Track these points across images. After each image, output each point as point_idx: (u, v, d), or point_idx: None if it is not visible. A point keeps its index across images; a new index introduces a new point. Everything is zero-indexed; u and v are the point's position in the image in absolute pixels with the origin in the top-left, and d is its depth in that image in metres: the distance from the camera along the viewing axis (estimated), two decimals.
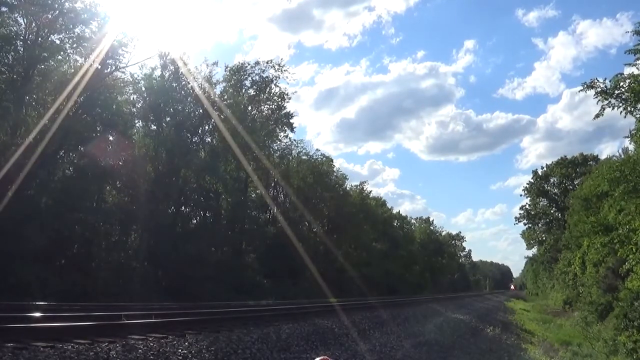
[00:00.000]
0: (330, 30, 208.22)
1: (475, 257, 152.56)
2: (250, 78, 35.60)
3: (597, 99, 19.81)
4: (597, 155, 63.01)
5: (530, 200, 71.61)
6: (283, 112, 37.67)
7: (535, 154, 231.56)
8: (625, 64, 19.36)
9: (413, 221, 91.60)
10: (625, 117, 19.65)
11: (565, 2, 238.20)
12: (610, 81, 19.29)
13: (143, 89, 29.57)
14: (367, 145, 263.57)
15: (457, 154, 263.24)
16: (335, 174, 51.55)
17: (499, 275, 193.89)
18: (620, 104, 19.34)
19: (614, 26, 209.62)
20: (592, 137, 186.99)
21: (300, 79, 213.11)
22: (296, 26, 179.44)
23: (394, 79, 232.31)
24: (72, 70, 23.14)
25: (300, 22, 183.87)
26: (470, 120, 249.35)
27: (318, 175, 46.22)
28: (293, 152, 44.31)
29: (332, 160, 50.30)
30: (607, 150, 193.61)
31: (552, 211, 69.09)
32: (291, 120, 38.74)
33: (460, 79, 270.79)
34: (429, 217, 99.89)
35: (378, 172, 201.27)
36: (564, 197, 62.34)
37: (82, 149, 24.10)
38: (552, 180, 68.58)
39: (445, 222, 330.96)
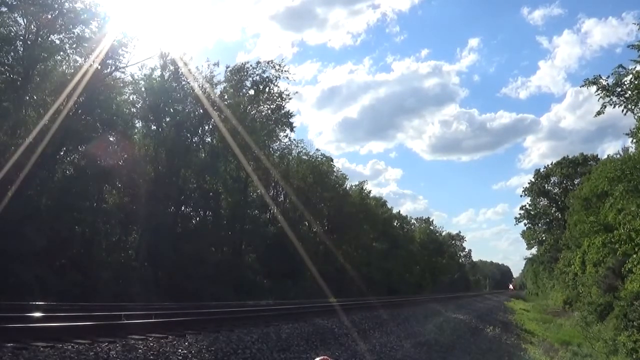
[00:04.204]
0: (334, 29, 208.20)
1: (475, 257, 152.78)
2: (250, 78, 35.61)
3: (599, 97, 19.81)
4: (597, 155, 63.09)
5: (530, 200, 71.70)
6: (283, 111, 37.65)
7: (538, 153, 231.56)
8: (631, 60, 19.33)
9: (413, 221, 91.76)
10: (625, 114, 19.66)
11: (571, 1, 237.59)
12: (612, 75, 19.26)
13: (143, 89, 29.57)
14: (370, 144, 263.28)
15: (460, 153, 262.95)
16: (335, 174, 51.58)
17: (499, 275, 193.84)
18: (622, 102, 19.34)
19: (619, 25, 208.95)
20: (595, 136, 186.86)
21: (303, 78, 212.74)
22: (299, 24, 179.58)
23: (397, 78, 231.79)
24: (72, 71, 23.16)
25: (304, 20, 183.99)
26: (473, 120, 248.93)
27: (318, 175, 46.22)
28: (293, 152, 44.35)
29: (332, 160, 50.39)
30: (609, 149, 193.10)
31: (552, 211, 69.11)
32: (291, 120, 38.77)
33: (464, 78, 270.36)
34: (429, 217, 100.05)
35: (380, 172, 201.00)
36: (564, 196, 62.35)
37: (82, 149, 24.10)
38: (552, 180, 68.59)
39: (447, 222, 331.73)
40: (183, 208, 32.31)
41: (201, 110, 31.05)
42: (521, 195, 73.51)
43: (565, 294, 45.40)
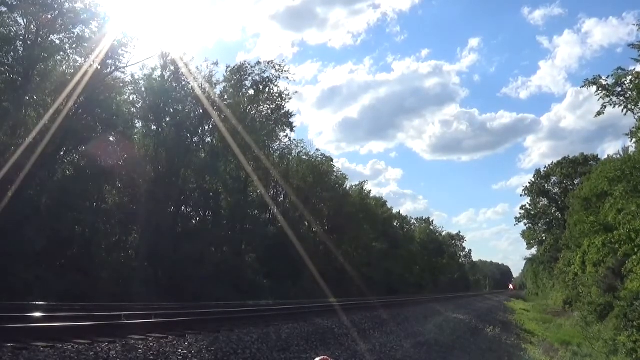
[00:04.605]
0: (334, 29, 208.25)
1: (475, 257, 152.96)
2: (250, 78, 35.62)
3: (599, 97, 19.87)
4: (598, 155, 63.09)
5: (530, 200, 71.71)
6: (283, 111, 37.66)
7: (539, 153, 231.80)
8: (631, 58, 19.39)
9: (413, 221, 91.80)
10: (625, 114, 19.71)
11: (571, 1, 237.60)
12: (611, 76, 19.34)
13: (143, 89, 29.58)
14: (370, 144, 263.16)
15: (460, 153, 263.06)
16: (335, 174, 51.60)
17: (499, 275, 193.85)
18: (622, 102, 19.39)
19: (620, 25, 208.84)
20: (595, 136, 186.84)
21: (303, 78, 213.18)
22: (299, 24, 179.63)
23: (398, 78, 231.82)
24: (72, 71, 23.17)
25: (304, 20, 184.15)
26: (474, 120, 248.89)
27: (318, 175, 46.24)
28: (293, 152, 44.39)
29: (332, 160, 50.44)
30: (610, 149, 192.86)
31: (552, 211, 69.10)
32: (291, 120, 38.80)
33: (464, 77, 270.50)
34: (429, 217, 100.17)
35: (380, 172, 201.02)
36: (564, 196, 62.35)
37: (82, 149, 24.11)
38: (552, 180, 68.60)
39: (447, 222, 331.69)
40: (183, 208, 32.32)
41: (201, 110, 31.05)
42: (521, 195, 73.64)
43: (565, 294, 45.35)
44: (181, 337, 9.14)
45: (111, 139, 25.78)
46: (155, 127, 30.41)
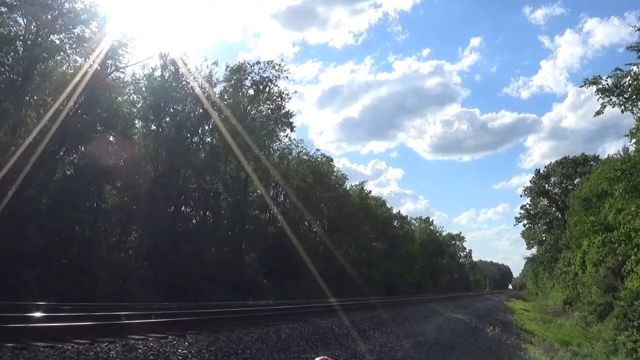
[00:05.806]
0: (335, 28, 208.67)
1: (476, 257, 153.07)
2: (250, 78, 35.62)
3: (598, 97, 19.85)
4: (598, 156, 63.07)
5: (530, 200, 71.69)
6: (283, 111, 37.66)
7: (539, 153, 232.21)
8: (626, 64, 19.41)
9: (413, 221, 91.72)
10: (623, 113, 19.70)
11: (573, 0, 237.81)
12: (610, 77, 19.31)
13: (143, 89, 29.57)
14: (370, 144, 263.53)
15: (461, 153, 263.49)
16: (335, 174, 51.58)
17: (499, 275, 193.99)
18: (621, 102, 19.38)
19: (621, 25, 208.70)
20: (596, 136, 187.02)
21: (304, 77, 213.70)
22: (300, 24, 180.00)
23: (399, 77, 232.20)
24: (72, 71, 23.16)
25: (305, 19, 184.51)
26: (475, 119, 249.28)
27: (318, 175, 46.22)
28: (293, 152, 44.39)
29: (332, 160, 50.40)
30: (610, 149, 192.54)
31: (552, 211, 69.10)
32: (291, 120, 38.80)
33: (465, 77, 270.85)
34: (429, 217, 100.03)
35: (381, 171, 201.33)
36: (564, 196, 62.36)
37: (82, 149, 24.11)
38: (552, 180, 68.58)
39: (447, 222, 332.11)
40: (183, 208, 32.29)
41: (201, 110, 31.04)
42: (521, 195, 73.67)
43: (565, 294, 45.38)
44: (181, 337, 9.14)
45: (111, 139, 25.78)
46: (155, 127, 30.40)
